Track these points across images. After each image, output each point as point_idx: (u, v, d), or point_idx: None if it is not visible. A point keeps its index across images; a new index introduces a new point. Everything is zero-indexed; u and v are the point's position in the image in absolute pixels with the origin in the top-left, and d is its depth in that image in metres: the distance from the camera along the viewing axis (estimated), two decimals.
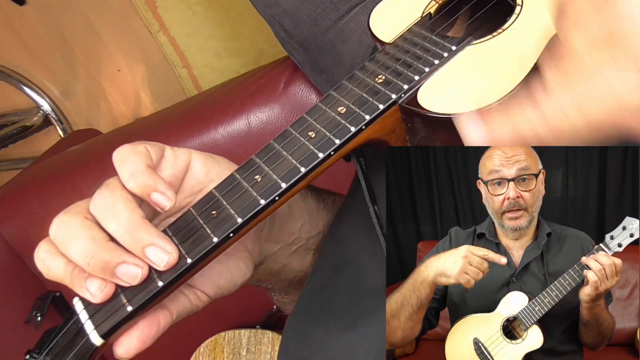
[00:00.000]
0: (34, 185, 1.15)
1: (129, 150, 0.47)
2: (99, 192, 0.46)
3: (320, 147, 0.46)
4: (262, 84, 1.10)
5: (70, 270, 0.44)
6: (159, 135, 1.11)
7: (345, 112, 0.48)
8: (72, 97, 1.77)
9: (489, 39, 0.50)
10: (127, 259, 0.44)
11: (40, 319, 1.09)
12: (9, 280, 1.13)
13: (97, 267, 0.43)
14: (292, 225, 0.61)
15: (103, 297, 0.44)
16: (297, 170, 0.46)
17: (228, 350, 1.16)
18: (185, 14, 1.47)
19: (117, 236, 0.44)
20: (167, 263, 0.43)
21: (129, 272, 0.43)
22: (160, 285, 0.43)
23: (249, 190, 0.46)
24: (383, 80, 0.49)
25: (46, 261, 0.45)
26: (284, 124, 1.08)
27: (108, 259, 0.43)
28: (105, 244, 0.44)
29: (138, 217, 0.44)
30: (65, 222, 0.45)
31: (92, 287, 0.44)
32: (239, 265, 0.54)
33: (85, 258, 0.43)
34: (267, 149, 0.48)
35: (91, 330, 0.43)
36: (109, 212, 0.44)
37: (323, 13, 0.88)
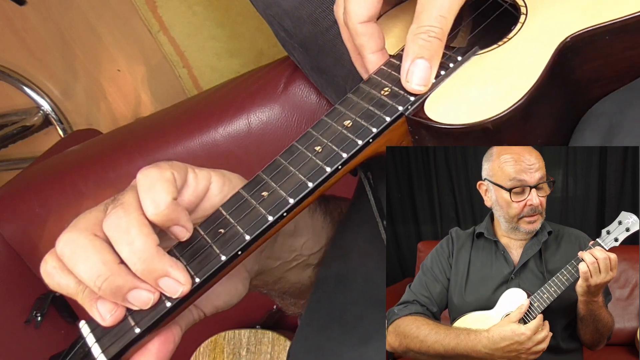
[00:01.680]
0: (34, 185, 1.15)
1: (155, 177, 0.45)
2: (114, 211, 0.44)
3: (328, 162, 0.46)
4: (262, 84, 1.10)
5: (82, 289, 0.44)
6: (159, 135, 1.11)
7: (351, 126, 0.48)
8: (72, 97, 1.77)
9: (494, 48, 0.50)
10: (139, 284, 0.43)
11: (40, 319, 1.09)
12: (9, 280, 1.13)
13: (108, 291, 0.42)
14: (294, 242, 0.60)
15: (113, 320, 0.43)
16: (305, 185, 0.45)
17: (228, 350, 1.16)
18: (185, 14, 1.47)
19: (130, 263, 0.43)
20: (180, 293, 0.43)
21: (141, 298, 0.43)
22: (169, 306, 0.43)
23: (256, 208, 0.45)
24: (389, 92, 0.49)
25: (55, 277, 0.44)
26: (284, 124, 1.08)
27: (120, 284, 0.42)
28: (116, 268, 0.43)
29: (152, 246, 0.43)
30: (74, 240, 0.44)
31: (102, 309, 0.43)
32: (237, 286, 0.53)
33: (96, 281, 0.42)
34: (274, 165, 0.48)
35: (98, 354, 0.43)
36: (123, 237, 0.43)
37: (323, 13, 0.88)
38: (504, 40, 0.50)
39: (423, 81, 0.48)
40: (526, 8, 0.51)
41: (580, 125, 0.49)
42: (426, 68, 0.48)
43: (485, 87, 0.47)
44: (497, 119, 0.44)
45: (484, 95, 0.46)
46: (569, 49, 0.47)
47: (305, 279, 0.64)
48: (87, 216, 0.46)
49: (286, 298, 0.67)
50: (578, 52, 0.48)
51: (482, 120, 0.44)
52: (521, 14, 0.51)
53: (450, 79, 0.49)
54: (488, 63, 0.49)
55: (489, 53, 0.50)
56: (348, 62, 0.89)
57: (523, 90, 0.45)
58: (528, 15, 0.51)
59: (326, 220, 0.64)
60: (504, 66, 0.48)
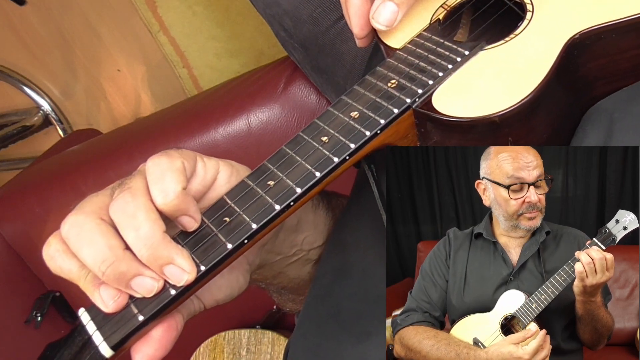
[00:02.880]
0: (34, 185, 1.15)
1: (166, 166, 0.44)
2: (121, 195, 0.43)
3: (335, 152, 0.46)
4: (262, 84, 1.10)
5: (85, 274, 0.43)
6: (159, 135, 1.11)
7: (359, 117, 0.48)
8: (72, 97, 1.77)
9: (501, 44, 0.50)
10: (144, 271, 0.42)
11: (40, 319, 1.09)
12: (9, 280, 1.13)
13: (112, 277, 0.42)
14: (296, 237, 0.60)
15: (115, 307, 0.43)
16: (312, 175, 0.45)
17: (228, 350, 1.16)
18: (185, 14, 1.47)
19: (135, 248, 0.43)
20: (185, 282, 0.43)
21: (145, 285, 0.43)
22: (173, 294, 0.43)
23: (262, 197, 0.45)
24: (396, 85, 0.49)
25: (57, 261, 0.44)
26: (284, 124, 1.08)
27: (125, 270, 0.42)
28: (122, 253, 0.42)
29: (159, 232, 0.43)
30: (81, 223, 0.43)
31: (105, 295, 0.43)
32: (238, 279, 0.53)
33: (101, 266, 0.42)
34: (279, 154, 0.47)
35: (100, 341, 0.42)
36: (130, 222, 0.42)
37: (323, 13, 0.88)
38: (510, 36, 0.50)
39: (387, 22, 0.52)
40: (532, 5, 0.52)
41: (583, 122, 0.49)
42: (393, 11, 0.52)
43: (493, 82, 0.47)
44: (505, 113, 0.44)
45: (492, 89, 0.46)
46: (576, 46, 0.47)
47: (305, 274, 0.64)
48: (93, 199, 0.45)
49: (284, 294, 0.67)
50: (584, 50, 0.48)
51: (490, 114, 0.44)
52: (527, 11, 0.51)
53: (458, 72, 0.49)
54: (496, 58, 0.49)
55: (496, 48, 0.50)
56: (348, 62, 0.90)
57: (532, 86, 0.45)
58: (534, 12, 0.51)
59: (328, 217, 0.64)
60: (512, 61, 0.48)
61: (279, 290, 0.66)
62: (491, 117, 0.44)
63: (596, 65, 0.49)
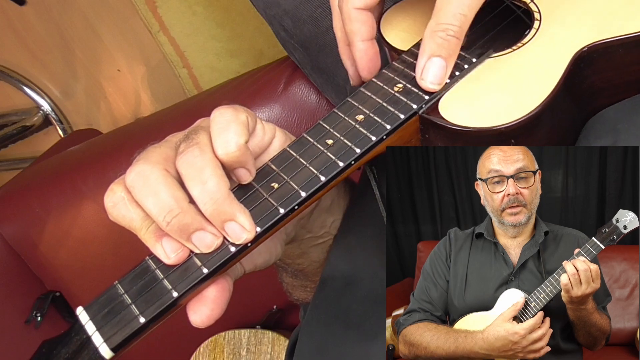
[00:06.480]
0: (34, 185, 1.15)
1: (231, 117, 0.45)
2: (190, 149, 0.44)
3: (341, 157, 0.46)
4: (262, 84, 1.10)
5: (147, 224, 0.43)
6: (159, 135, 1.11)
7: (364, 121, 0.47)
8: (72, 97, 1.77)
9: (509, 52, 0.50)
10: (206, 226, 0.43)
11: (40, 319, 1.09)
12: (9, 280, 1.13)
13: (176, 228, 0.42)
14: (326, 218, 0.61)
15: (177, 259, 0.43)
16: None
17: (228, 350, 1.17)
18: (185, 14, 1.47)
19: (200, 202, 0.43)
20: (244, 240, 0.43)
21: (205, 240, 0.43)
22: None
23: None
24: (402, 89, 0.49)
25: (121, 209, 0.44)
26: (284, 124, 1.08)
27: (188, 222, 0.42)
28: (186, 205, 0.43)
29: (225, 188, 0.43)
30: (148, 172, 0.43)
31: (167, 247, 0.43)
32: (276, 246, 0.54)
33: (166, 216, 0.42)
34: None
35: (100, 343, 0.42)
36: (197, 175, 0.43)
37: (323, 13, 0.88)
38: (518, 45, 0.50)
39: (438, 79, 0.48)
40: (540, 14, 0.51)
41: (585, 131, 0.49)
42: (442, 67, 0.48)
43: (500, 92, 0.47)
44: (512, 125, 0.44)
45: (499, 100, 0.46)
46: (583, 59, 0.47)
47: (324, 260, 0.64)
48: (157, 150, 0.46)
49: (299, 278, 0.67)
50: (591, 63, 0.48)
51: (498, 125, 0.44)
52: (535, 19, 0.51)
53: (465, 80, 0.49)
54: (503, 67, 0.49)
55: (503, 57, 0.50)
56: None
57: (540, 98, 0.45)
58: (542, 20, 0.51)
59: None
60: (520, 72, 0.48)
61: (295, 273, 0.66)
62: (498, 128, 0.44)
63: (601, 77, 0.49)
